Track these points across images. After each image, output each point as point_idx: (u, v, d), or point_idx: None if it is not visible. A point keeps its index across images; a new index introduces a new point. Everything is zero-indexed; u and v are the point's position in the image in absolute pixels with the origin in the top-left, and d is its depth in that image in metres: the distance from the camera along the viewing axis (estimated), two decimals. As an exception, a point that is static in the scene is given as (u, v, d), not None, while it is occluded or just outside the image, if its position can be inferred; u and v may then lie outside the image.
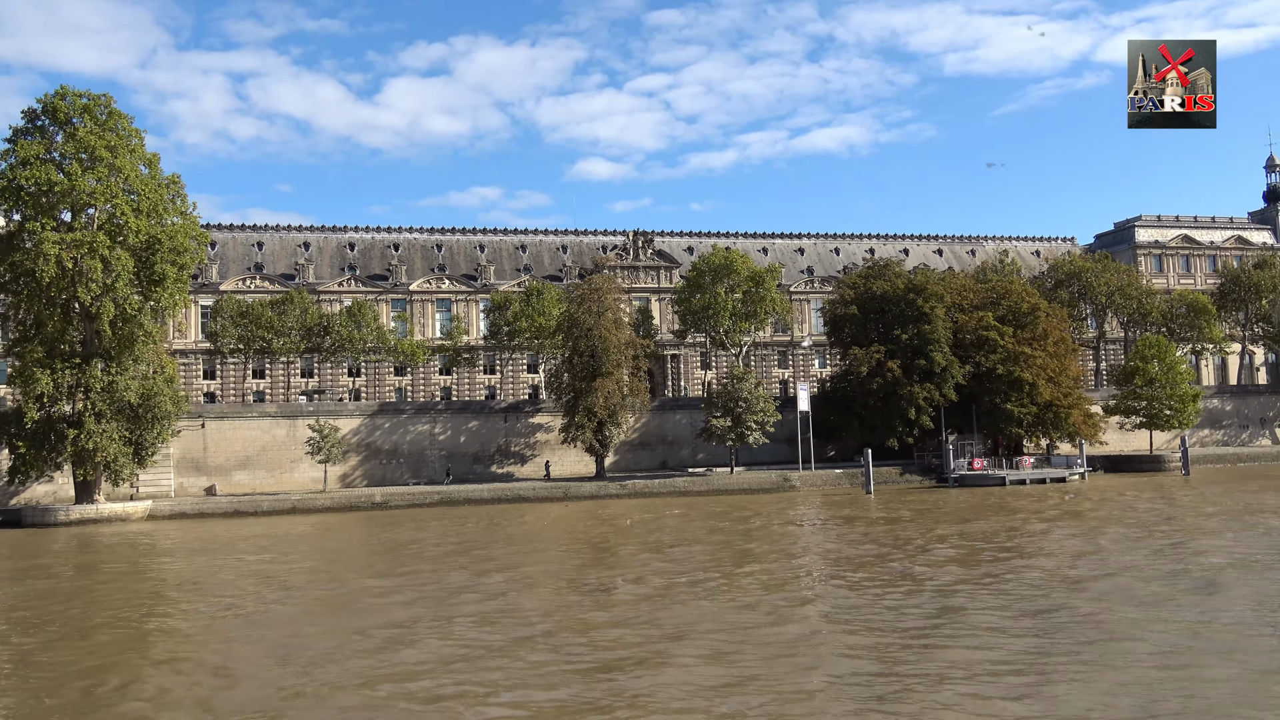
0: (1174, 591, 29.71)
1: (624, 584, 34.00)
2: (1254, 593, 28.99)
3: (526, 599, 31.57)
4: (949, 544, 41.42)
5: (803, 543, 45.04)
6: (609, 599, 31.45)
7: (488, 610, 29.67)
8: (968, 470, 69.55)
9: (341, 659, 24.17)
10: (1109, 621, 25.68)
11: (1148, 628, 24.99)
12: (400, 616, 28.91)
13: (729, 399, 70.82)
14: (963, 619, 26.54)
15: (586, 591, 33.02)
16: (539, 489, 67.83)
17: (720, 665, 22.62)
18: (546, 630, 26.67)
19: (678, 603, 29.98)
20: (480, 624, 27.68)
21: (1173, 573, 33.04)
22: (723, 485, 69.05)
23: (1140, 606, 27.61)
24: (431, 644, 25.50)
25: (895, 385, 72.56)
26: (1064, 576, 32.67)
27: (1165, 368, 76.72)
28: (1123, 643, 23.45)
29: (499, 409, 77.40)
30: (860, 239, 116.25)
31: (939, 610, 27.68)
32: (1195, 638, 23.89)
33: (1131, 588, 30.44)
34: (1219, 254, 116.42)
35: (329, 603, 32.54)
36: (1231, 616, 26.00)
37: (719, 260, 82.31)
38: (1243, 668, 21.07)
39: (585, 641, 25.40)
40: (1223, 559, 35.63)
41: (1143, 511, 51.28)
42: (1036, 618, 26.27)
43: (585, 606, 30.25)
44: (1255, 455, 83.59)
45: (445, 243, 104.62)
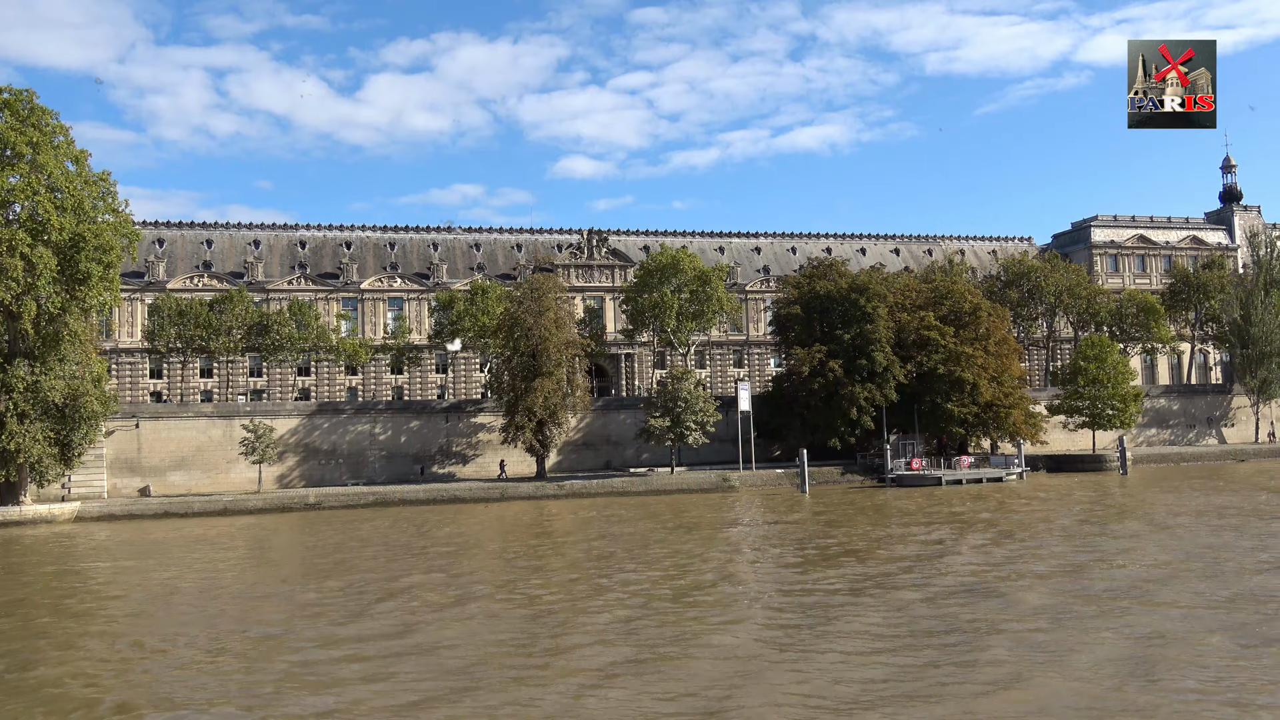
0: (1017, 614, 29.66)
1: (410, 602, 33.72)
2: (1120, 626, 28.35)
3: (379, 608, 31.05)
4: (845, 548, 41.37)
5: (673, 548, 44.58)
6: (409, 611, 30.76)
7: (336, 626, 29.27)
8: (905, 470, 69.59)
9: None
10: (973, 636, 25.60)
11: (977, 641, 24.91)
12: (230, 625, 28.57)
13: (668, 399, 70.63)
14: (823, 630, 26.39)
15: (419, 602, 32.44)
16: (475, 490, 67.45)
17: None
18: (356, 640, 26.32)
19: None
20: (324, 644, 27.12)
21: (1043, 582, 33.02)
22: (661, 486, 68.84)
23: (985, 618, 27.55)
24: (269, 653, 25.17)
25: (837, 385, 72.53)
26: (937, 587, 32.55)
27: (1107, 368, 76.96)
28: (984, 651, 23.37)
29: (441, 409, 76.94)
30: (817, 238, 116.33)
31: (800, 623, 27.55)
32: (1035, 651, 23.81)
33: (992, 597, 30.40)
34: (1174, 254, 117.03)
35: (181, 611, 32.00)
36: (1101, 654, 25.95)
37: (666, 260, 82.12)
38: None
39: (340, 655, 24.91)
40: (1112, 578, 35.67)
41: (1057, 515, 51.35)
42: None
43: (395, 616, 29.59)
44: (1199, 455, 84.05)
45: (398, 241, 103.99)
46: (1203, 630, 24.54)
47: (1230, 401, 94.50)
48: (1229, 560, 34.66)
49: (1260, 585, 30.01)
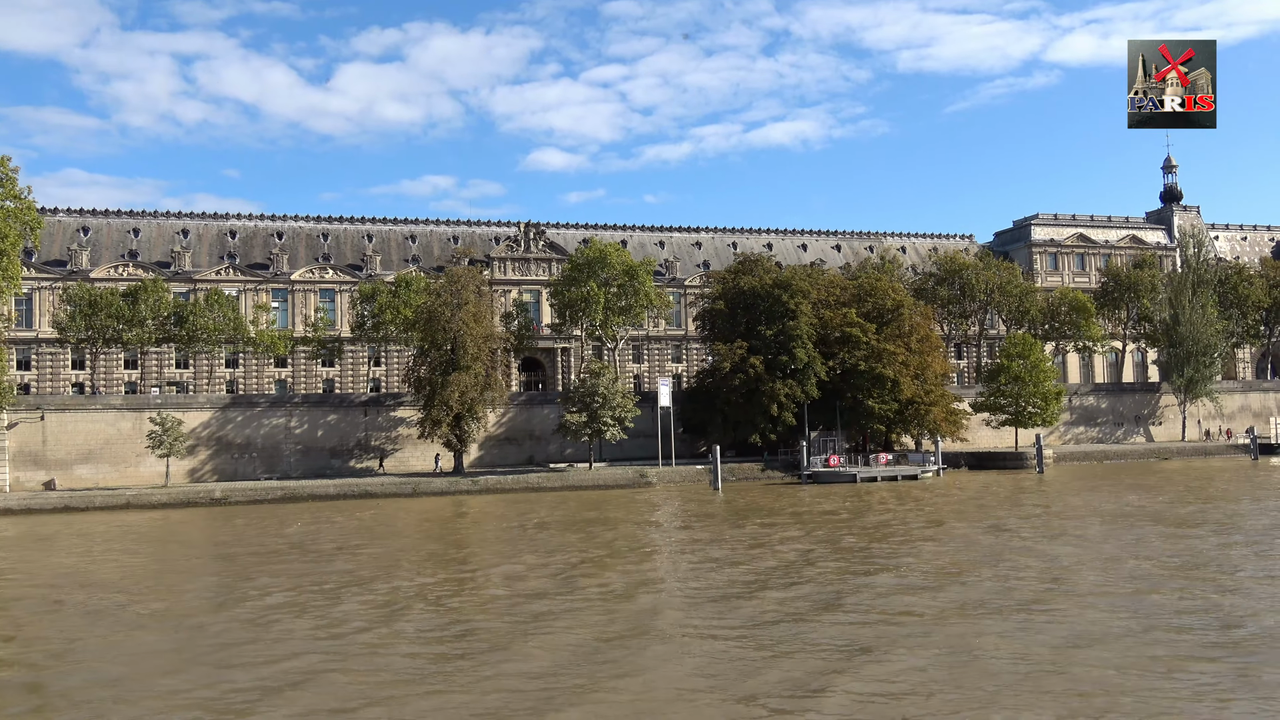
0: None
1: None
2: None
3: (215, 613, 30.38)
4: (718, 545, 41.06)
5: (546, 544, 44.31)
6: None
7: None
8: (822, 467, 69.46)
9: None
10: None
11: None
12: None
13: (585, 395, 70.06)
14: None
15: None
16: (387, 485, 66.61)
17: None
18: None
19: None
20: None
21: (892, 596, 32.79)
22: (577, 481, 68.28)
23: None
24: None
25: (758, 382, 72.25)
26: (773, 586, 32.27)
27: (1029, 366, 77.19)
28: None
29: (359, 402, 75.97)
30: (758, 233, 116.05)
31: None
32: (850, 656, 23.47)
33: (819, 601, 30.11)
34: (1113, 253, 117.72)
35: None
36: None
37: (594, 254, 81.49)
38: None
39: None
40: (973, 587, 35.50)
41: (917, 516, 51.28)
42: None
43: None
44: (1124, 453, 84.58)
45: (331, 232, 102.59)
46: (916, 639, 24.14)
47: (1159, 400, 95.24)
48: (1021, 567, 33.94)
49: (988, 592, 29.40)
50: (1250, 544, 38.35)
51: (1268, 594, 28.82)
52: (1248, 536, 40.22)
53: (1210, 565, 34.07)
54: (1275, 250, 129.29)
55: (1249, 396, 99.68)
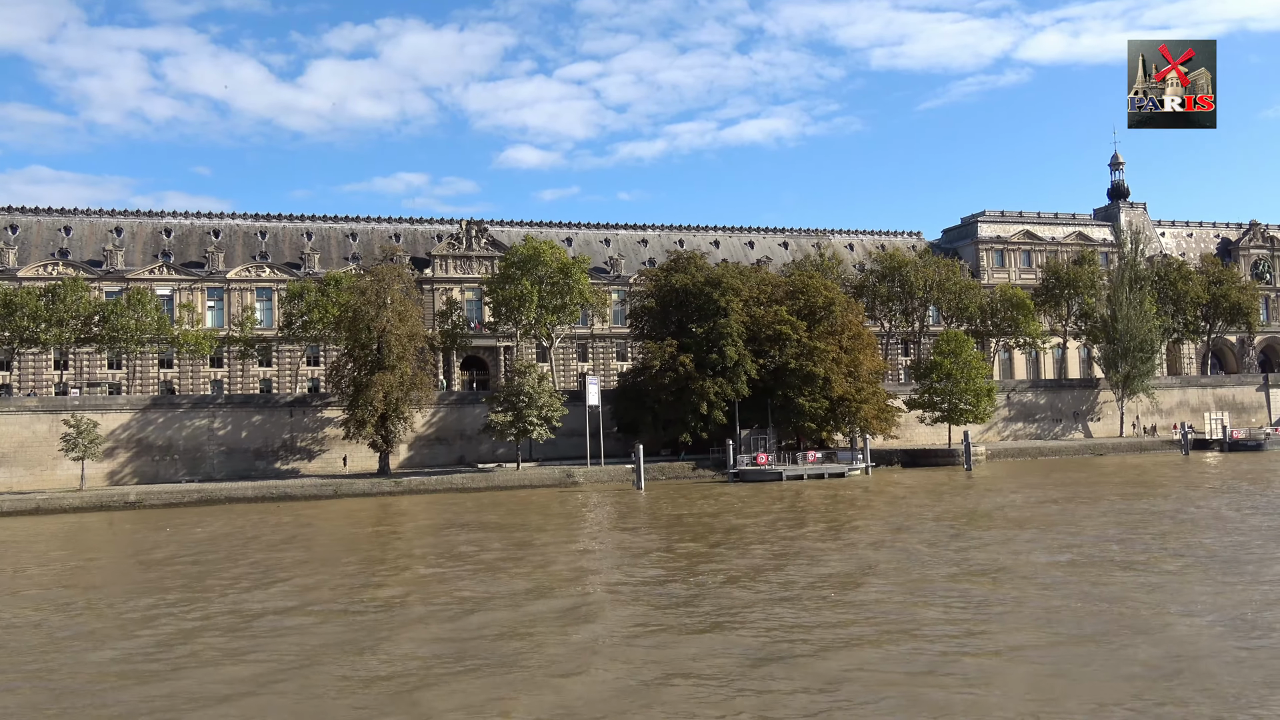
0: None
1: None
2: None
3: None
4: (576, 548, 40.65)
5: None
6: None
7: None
8: (749, 465, 69.19)
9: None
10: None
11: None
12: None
13: (510, 394, 69.40)
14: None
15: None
16: (308, 487, 65.69)
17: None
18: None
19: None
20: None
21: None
22: (503, 481, 67.63)
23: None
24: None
25: (688, 380, 71.85)
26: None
27: (961, 363, 77.23)
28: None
29: (284, 403, 74.96)
30: (705, 231, 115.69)
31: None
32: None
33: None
34: (1060, 250, 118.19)
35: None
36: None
37: (528, 251, 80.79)
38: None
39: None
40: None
41: (848, 517, 51.17)
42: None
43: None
44: (1058, 449, 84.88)
45: (270, 229, 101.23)
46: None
47: (1097, 396, 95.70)
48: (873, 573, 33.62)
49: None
50: (1057, 548, 37.74)
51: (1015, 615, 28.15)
52: (1082, 539, 39.87)
53: (989, 572, 33.30)
54: (1221, 247, 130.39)
55: (1187, 392, 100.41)
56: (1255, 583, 29.96)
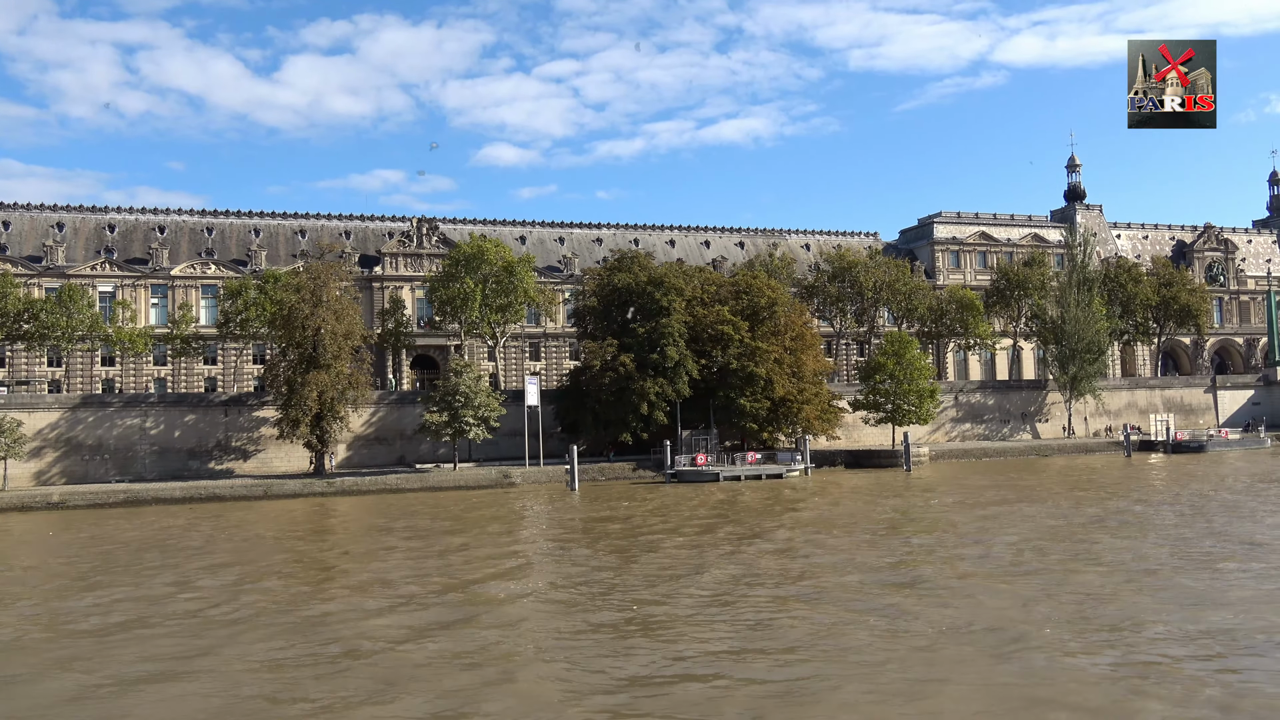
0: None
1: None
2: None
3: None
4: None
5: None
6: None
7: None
8: (687, 466, 68.80)
9: None
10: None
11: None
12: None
13: (446, 393, 68.70)
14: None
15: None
16: (238, 488, 64.71)
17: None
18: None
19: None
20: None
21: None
22: (438, 482, 66.92)
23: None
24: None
25: (628, 380, 71.34)
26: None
27: (904, 364, 77.14)
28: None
29: (219, 402, 73.89)
30: (661, 230, 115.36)
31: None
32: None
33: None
34: (1015, 251, 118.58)
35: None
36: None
37: (472, 249, 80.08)
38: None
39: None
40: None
41: (766, 518, 50.87)
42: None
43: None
44: (1003, 450, 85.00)
45: (217, 226, 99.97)
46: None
47: (1045, 397, 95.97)
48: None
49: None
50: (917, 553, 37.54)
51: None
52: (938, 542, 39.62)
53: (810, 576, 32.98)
54: (1176, 249, 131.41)
55: (1135, 394, 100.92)
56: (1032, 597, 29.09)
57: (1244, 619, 25.20)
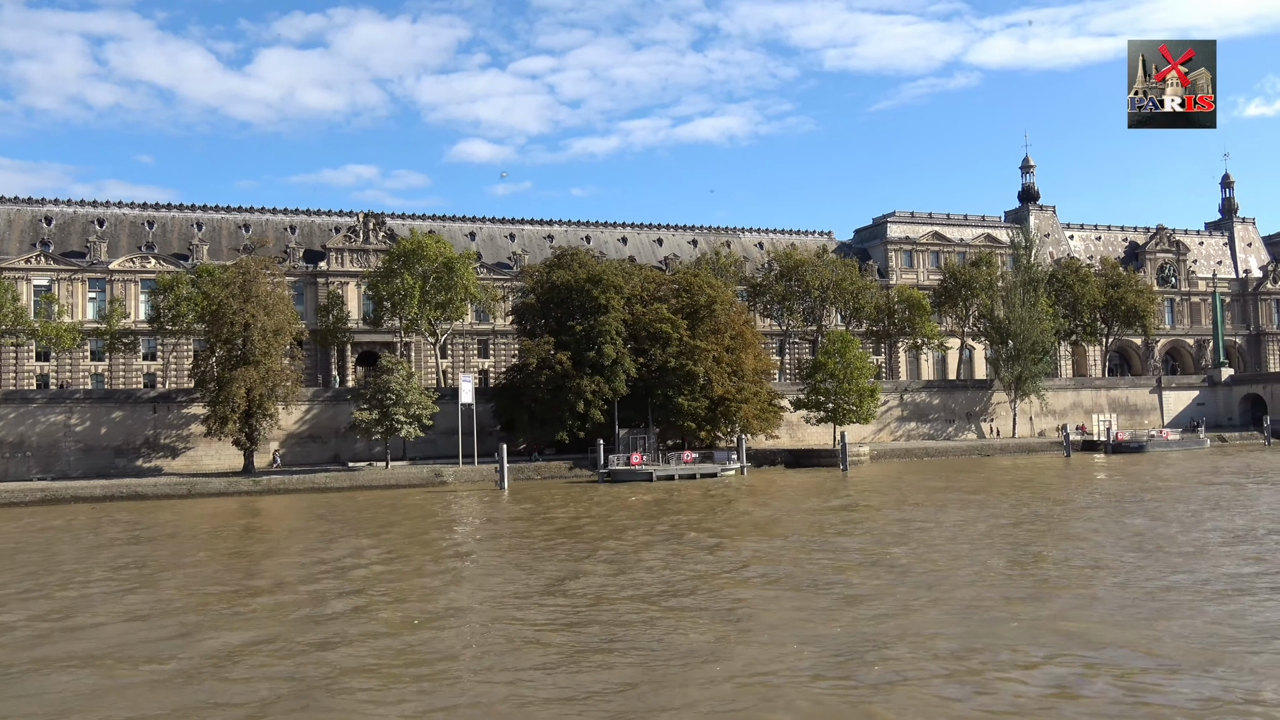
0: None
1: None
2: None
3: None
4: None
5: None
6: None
7: None
8: (622, 466, 68.25)
9: None
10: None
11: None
12: None
13: (377, 391, 67.78)
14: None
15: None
16: (161, 486, 63.48)
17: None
18: None
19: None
20: None
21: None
22: (368, 481, 65.98)
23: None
24: None
25: (564, 378, 70.70)
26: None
27: (845, 363, 76.96)
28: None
29: (148, 399, 72.57)
30: (613, 227, 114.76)
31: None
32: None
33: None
34: (968, 251, 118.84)
35: None
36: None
37: (411, 245, 79.13)
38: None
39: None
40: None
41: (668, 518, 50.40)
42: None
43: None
44: (946, 449, 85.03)
45: (158, 219, 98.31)
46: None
47: (990, 397, 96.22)
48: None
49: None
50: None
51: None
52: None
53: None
54: (1128, 250, 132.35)
55: (1081, 394, 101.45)
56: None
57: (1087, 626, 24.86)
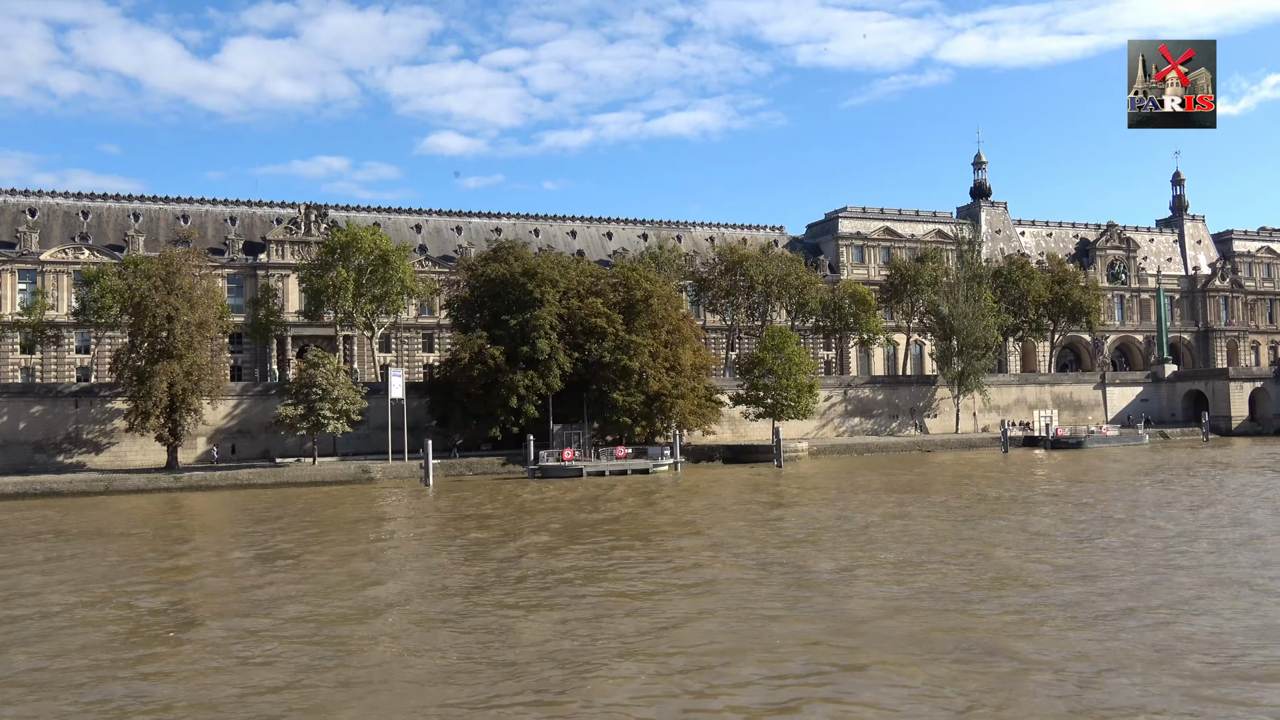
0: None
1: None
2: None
3: None
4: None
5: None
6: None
7: None
8: (554, 462, 67.56)
9: None
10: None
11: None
12: None
13: (302, 386, 66.63)
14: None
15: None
16: (77, 483, 62.07)
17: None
18: None
19: None
20: None
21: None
22: (293, 478, 64.90)
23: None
24: None
25: (497, 373, 69.85)
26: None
27: (785, 359, 76.64)
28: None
29: (69, 393, 70.99)
30: (563, 220, 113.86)
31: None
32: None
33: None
34: (919, 247, 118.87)
35: None
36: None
37: (345, 237, 77.88)
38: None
39: None
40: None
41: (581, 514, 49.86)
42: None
43: None
44: (886, 445, 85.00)
45: (93, 210, 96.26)
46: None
47: (934, 393, 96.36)
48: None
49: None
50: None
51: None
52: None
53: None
54: (1079, 247, 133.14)
55: (1025, 389, 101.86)
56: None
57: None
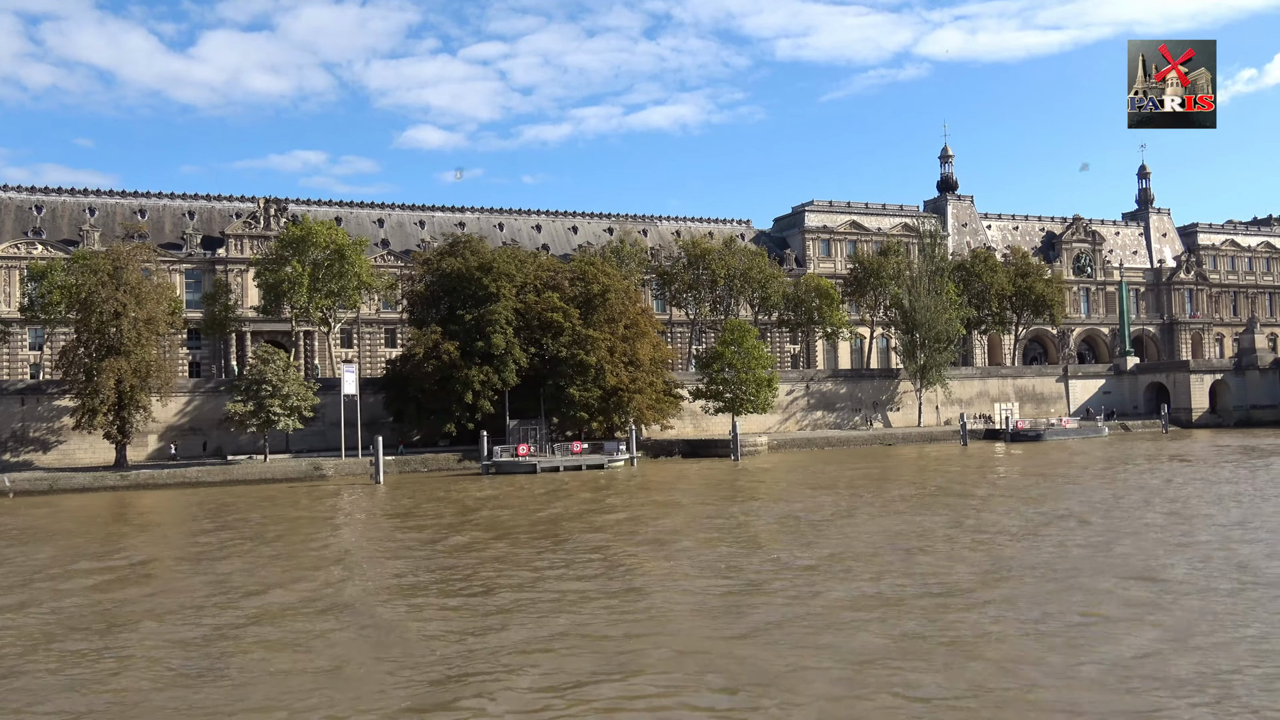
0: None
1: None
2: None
3: None
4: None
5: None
6: None
7: None
8: (508, 457, 67.08)
9: None
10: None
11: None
12: None
13: (252, 382, 65.82)
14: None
15: None
16: (19, 481, 61.02)
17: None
18: None
19: None
20: None
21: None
22: (243, 475, 64.11)
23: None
24: None
25: (452, 368, 69.24)
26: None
27: (744, 353, 76.43)
28: None
29: (14, 390, 69.90)
30: (528, 214, 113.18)
31: None
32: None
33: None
34: (885, 241, 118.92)
35: None
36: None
37: (300, 232, 77.00)
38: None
39: None
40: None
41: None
42: None
43: None
44: (847, 439, 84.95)
45: (47, 204, 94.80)
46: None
47: (897, 386, 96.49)
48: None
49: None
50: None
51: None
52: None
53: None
54: (1045, 240, 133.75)
55: (988, 383, 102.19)
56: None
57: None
